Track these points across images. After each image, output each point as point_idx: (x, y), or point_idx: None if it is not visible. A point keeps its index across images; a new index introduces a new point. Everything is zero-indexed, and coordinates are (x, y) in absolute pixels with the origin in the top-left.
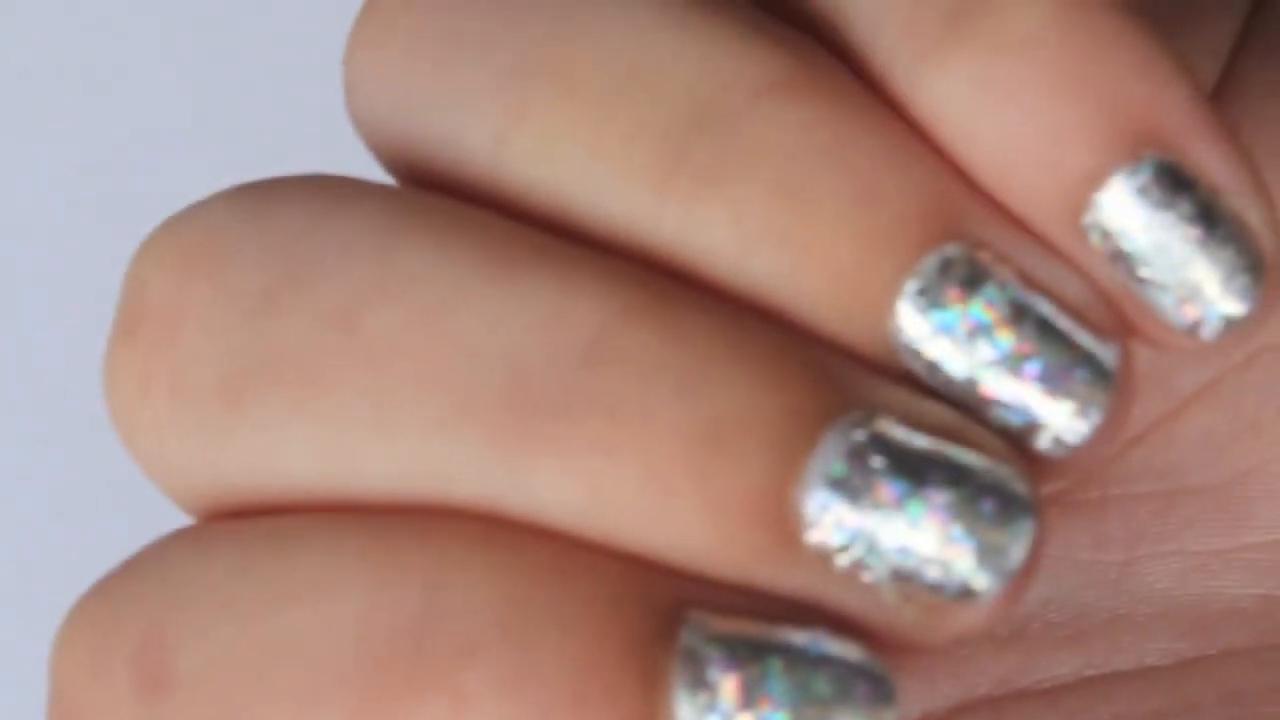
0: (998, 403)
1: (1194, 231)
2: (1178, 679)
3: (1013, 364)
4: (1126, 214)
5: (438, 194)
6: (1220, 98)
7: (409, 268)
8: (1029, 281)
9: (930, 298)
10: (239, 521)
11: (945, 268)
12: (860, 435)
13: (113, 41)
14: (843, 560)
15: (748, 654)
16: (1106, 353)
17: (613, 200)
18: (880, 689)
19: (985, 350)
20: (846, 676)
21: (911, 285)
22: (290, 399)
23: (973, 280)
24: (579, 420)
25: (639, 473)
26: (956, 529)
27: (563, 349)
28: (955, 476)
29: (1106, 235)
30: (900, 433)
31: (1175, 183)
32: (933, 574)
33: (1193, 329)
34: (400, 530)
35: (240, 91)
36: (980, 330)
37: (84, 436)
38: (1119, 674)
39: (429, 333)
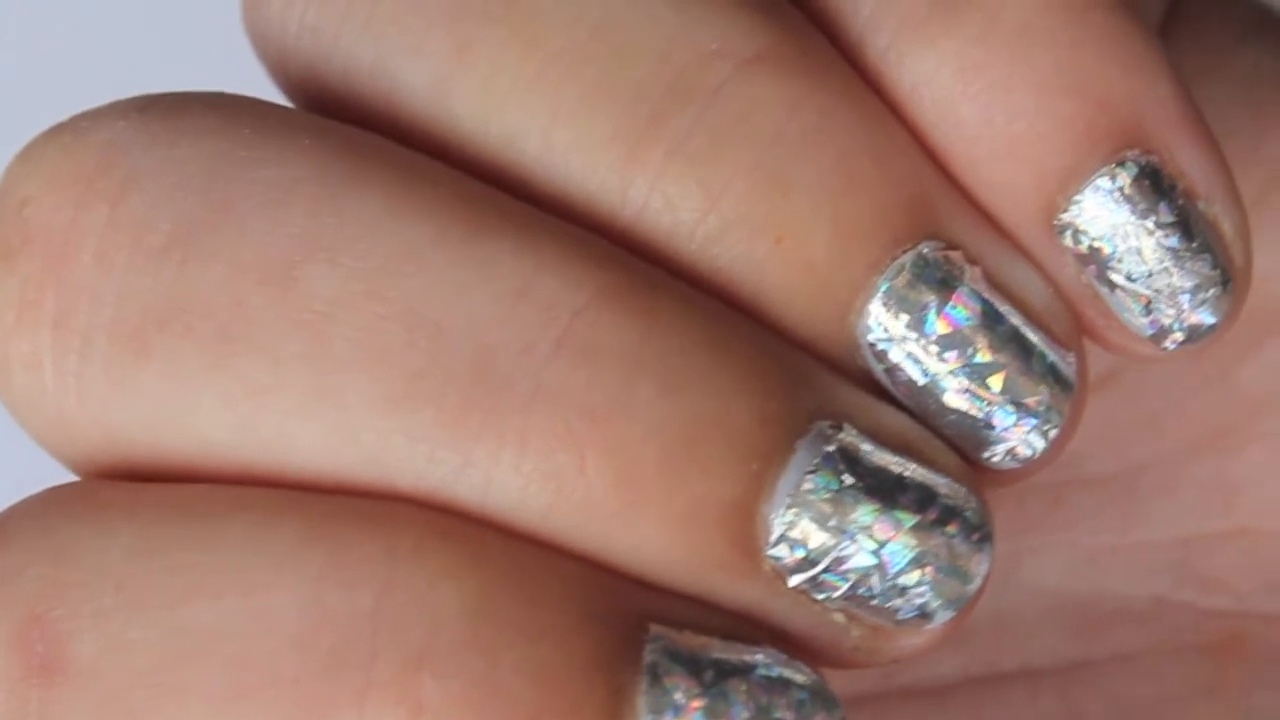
0: (958, 412)
1: (1170, 239)
2: (1065, 684)
3: (980, 373)
4: (1103, 216)
5: (383, 139)
6: None
7: (353, 223)
8: (996, 284)
9: (901, 298)
10: (138, 491)
11: (920, 268)
12: (830, 449)
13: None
14: (798, 579)
15: (711, 676)
16: (1067, 366)
17: (571, 166)
18: (833, 713)
19: (953, 356)
20: (805, 702)
21: (884, 283)
22: (207, 352)
23: (945, 283)
24: (550, 412)
25: (611, 474)
26: (920, 554)
27: (534, 331)
28: (922, 500)
29: (1079, 235)
30: (866, 447)
31: (1155, 187)
32: (890, 599)
33: (1158, 337)
34: (343, 514)
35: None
36: (949, 336)
37: None
38: (1006, 675)
39: (377, 297)
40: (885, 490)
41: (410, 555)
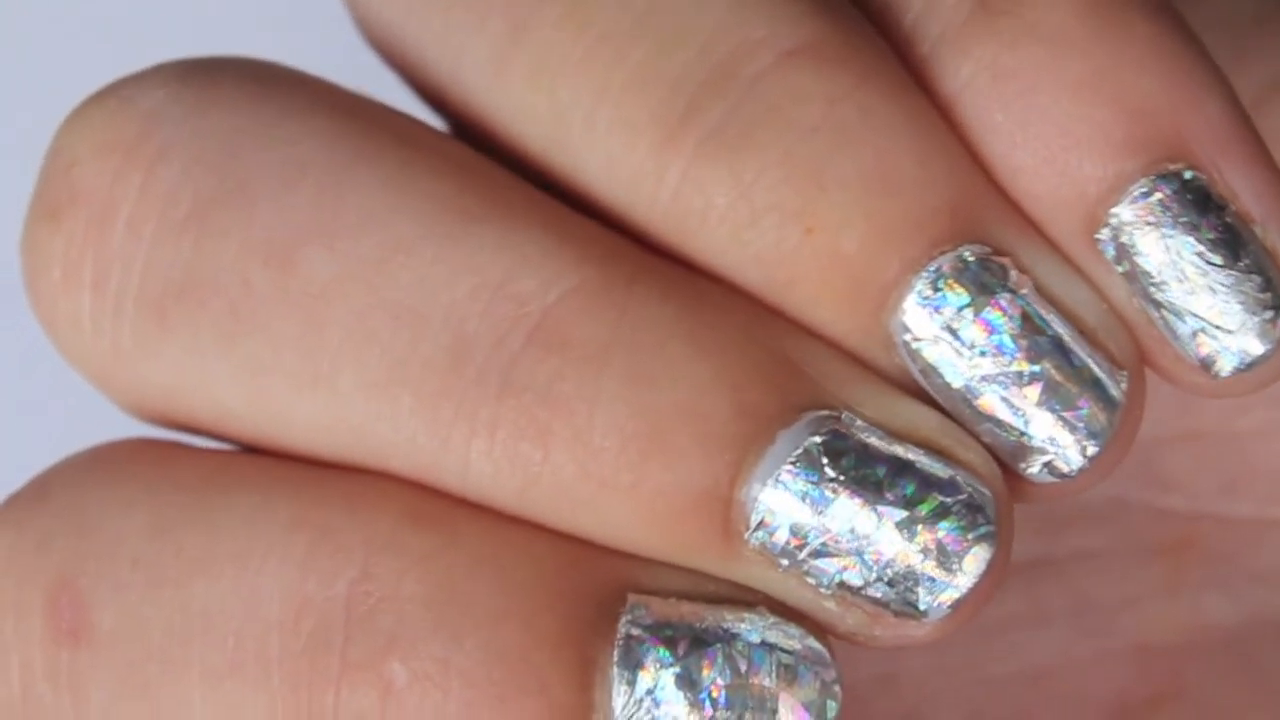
0: (993, 419)
1: (1216, 257)
2: (1029, 581)
3: (1016, 381)
4: (1142, 230)
5: (398, 116)
6: None
7: (352, 209)
8: (1046, 296)
9: (939, 298)
10: (163, 461)
11: (960, 270)
12: (817, 440)
13: None
14: (786, 563)
15: (686, 645)
16: (1115, 384)
17: (611, 146)
18: (824, 678)
19: (989, 362)
20: (790, 666)
21: (921, 283)
22: (218, 328)
23: (987, 286)
24: (517, 403)
25: (574, 463)
26: (905, 550)
27: (507, 324)
28: (915, 495)
29: (1121, 251)
30: (865, 437)
31: (1200, 202)
32: (878, 591)
33: (1207, 364)
34: (330, 499)
35: None
36: (988, 340)
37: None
38: None
39: (367, 285)
40: (872, 484)
41: (384, 542)
